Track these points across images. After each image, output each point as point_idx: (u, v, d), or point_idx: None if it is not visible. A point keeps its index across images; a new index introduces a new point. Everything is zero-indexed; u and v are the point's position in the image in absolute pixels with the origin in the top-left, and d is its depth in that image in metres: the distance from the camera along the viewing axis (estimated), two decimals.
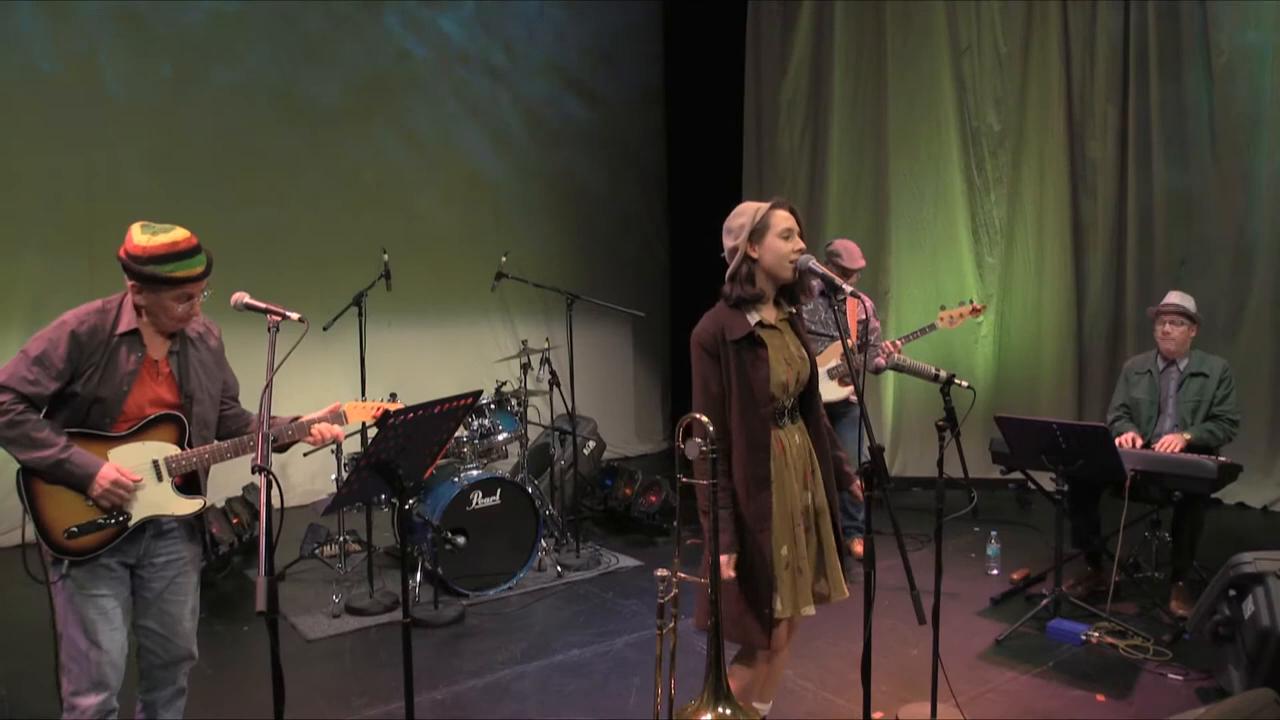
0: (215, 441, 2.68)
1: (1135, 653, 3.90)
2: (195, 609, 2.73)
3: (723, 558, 2.54)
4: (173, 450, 2.59)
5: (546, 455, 6.17)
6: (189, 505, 2.64)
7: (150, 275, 2.46)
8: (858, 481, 2.85)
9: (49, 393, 2.45)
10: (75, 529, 2.47)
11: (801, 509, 2.66)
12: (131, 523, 2.54)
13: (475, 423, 5.15)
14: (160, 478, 2.57)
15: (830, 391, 4.79)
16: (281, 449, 2.77)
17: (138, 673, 2.68)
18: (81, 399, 2.48)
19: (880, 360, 4.66)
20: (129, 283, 2.51)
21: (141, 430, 2.55)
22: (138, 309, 2.54)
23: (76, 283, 5.70)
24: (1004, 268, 7.09)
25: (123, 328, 2.52)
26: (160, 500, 2.58)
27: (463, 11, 7.73)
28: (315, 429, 2.74)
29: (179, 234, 2.51)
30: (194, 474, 2.64)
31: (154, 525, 2.60)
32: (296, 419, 2.75)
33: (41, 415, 2.47)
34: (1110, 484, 4.29)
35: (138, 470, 2.52)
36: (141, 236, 2.48)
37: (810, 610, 2.66)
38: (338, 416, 2.80)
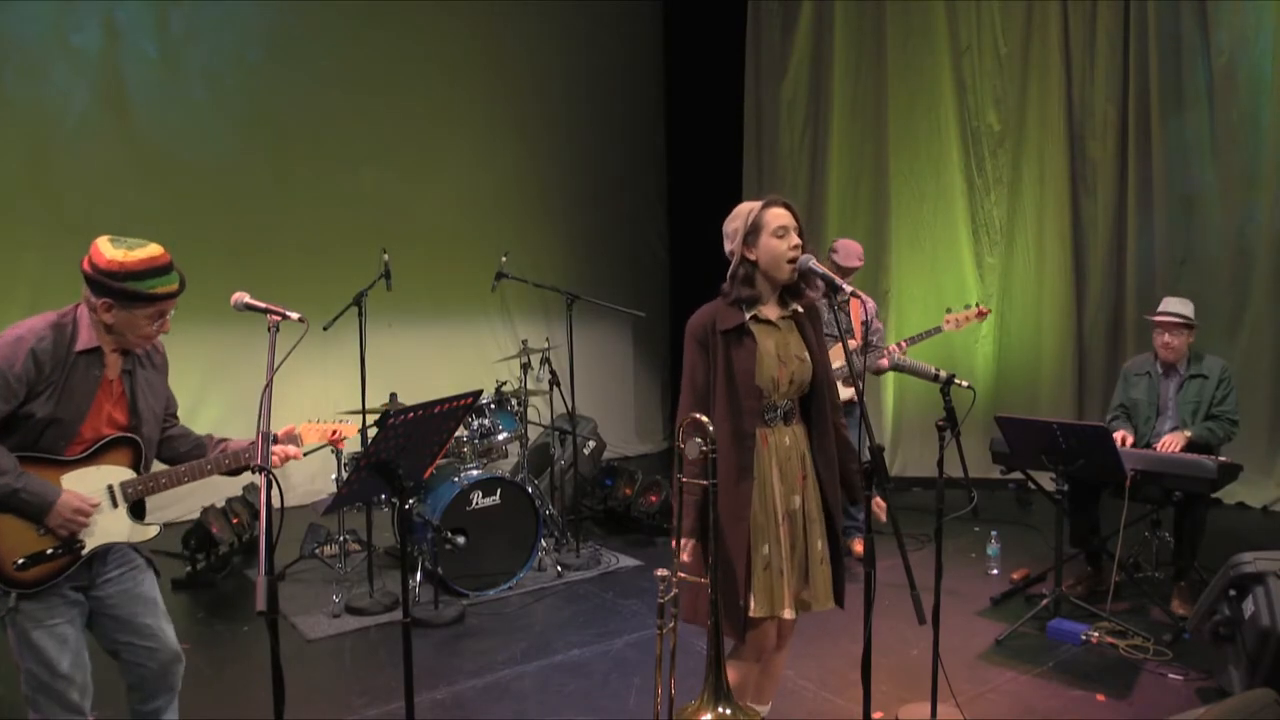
0: (158, 463, 2.56)
1: (1135, 653, 3.90)
2: (165, 614, 2.61)
3: (681, 542, 2.56)
4: (128, 474, 2.47)
5: (546, 455, 6.17)
6: (145, 531, 2.52)
7: (131, 292, 2.34)
8: (878, 500, 2.80)
9: (2, 415, 2.28)
10: (26, 560, 2.31)
11: (786, 511, 2.63)
12: (85, 551, 2.40)
13: (475, 423, 5.14)
14: (115, 503, 2.45)
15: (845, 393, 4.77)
16: (235, 473, 2.64)
17: (126, 688, 2.60)
18: (37, 420, 2.31)
19: (884, 361, 4.67)
20: (97, 300, 2.38)
21: (96, 454, 2.42)
22: (105, 326, 2.40)
23: (76, 283, 5.68)
24: (1004, 268, 7.09)
25: (81, 345, 2.37)
26: (115, 527, 2.45)
27: (462, 12, 7.73)
28: (274, 451, 2.60)
29: (154, 249, 2.40)
30: (141, 499, 2.52)
31: (103, 548, 2.46)
32: (252, 442, 2.55)
33: None
34: (1110, 484, 4.30)
35: (93, 496, 2.41)
36: (114, 251, 2.36)
37: (789, 614, 2.62)
38: (293, 438, 2.69)
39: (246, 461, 2.59)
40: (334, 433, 2.82)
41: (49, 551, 2.35)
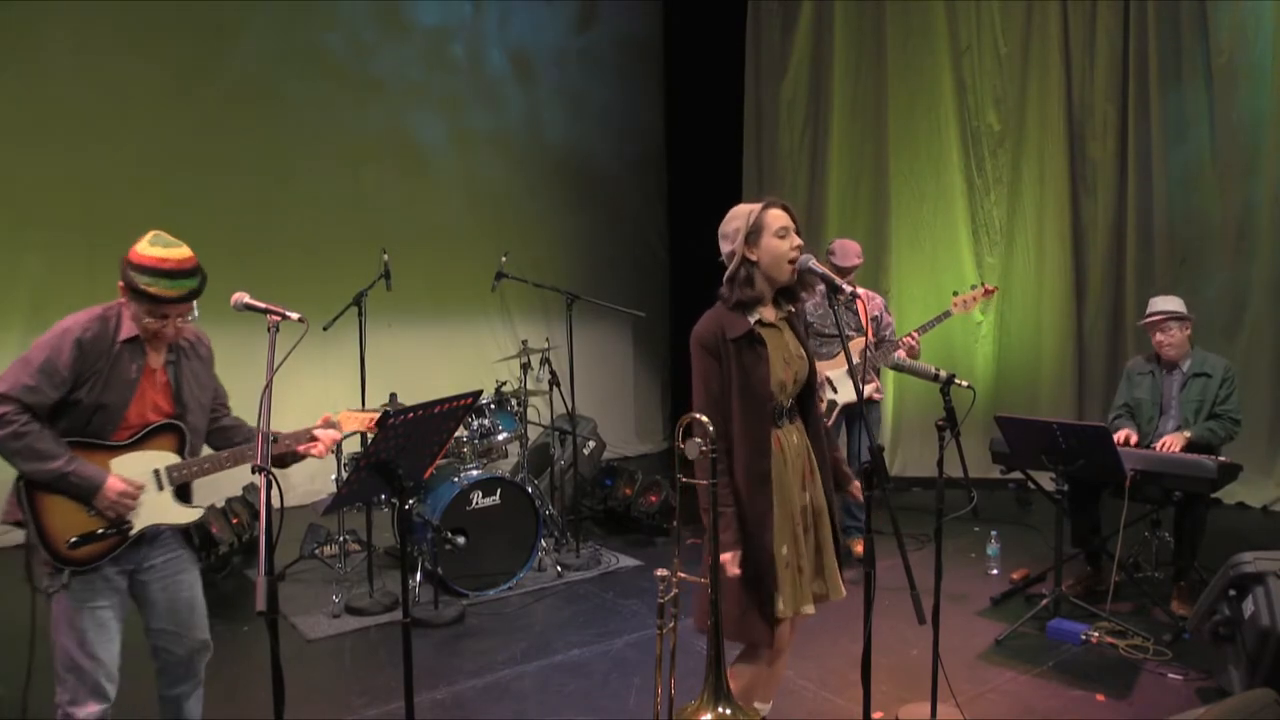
0: (208, 450, 2.69)
1: (1135, 653, 3.90)
2: (203, 604, 2.76)
3: (726, 555, 2.54)
4: (173, 459, 2.60)
5: (546, 455, 6.16)
6: (188, 514, 2.66)
7: (130, 282, 2.46)
8: (855, 482, 2.85)
9: (52, 401, 2.43)
10: (76, 539, 2.46)
11: (800, 508, 2.66)
12: (133, 532, 2.54)
13: (475, 423, 5.14)
14: (161, 486, 2.59)
15: (853, 392, 4.76)
16: (283, 464, 2.74)
17: (155, 671, 2.74)
18: (84, 407, 2.46)
19: (900, 354, 4.68)
20: (119, 285, 2.51)
21: (142, 439, 2.56)
22: (132, 314, 2.53)
23: (76, 283, 5.70)
24: (1004, 268, 7.09)
25: (124, 334, 2.51)
26: (160, 509, 2.59)
27: (463, 11, 7.73)
28: (319, 435, 2.73)
29: (177, 253, 2.49)
30: (187, 482, 2.65)
31: (151, 531, 2.60)
32: (296, 432, 2.73)
33: (44, 425, 2.44)
34: (1110, 484, 4.29)
35: (139, 479, 2.53)
36: (142, 244, 2.49)
37: (810, 609, 2.65)
38: (332, 424, 2.78)
39: (287, 448, 2.71)
40: (372, 422, 2.88)
41: (99, 532, 2.49)
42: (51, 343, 2.43)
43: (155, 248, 2.48)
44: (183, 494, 2.65)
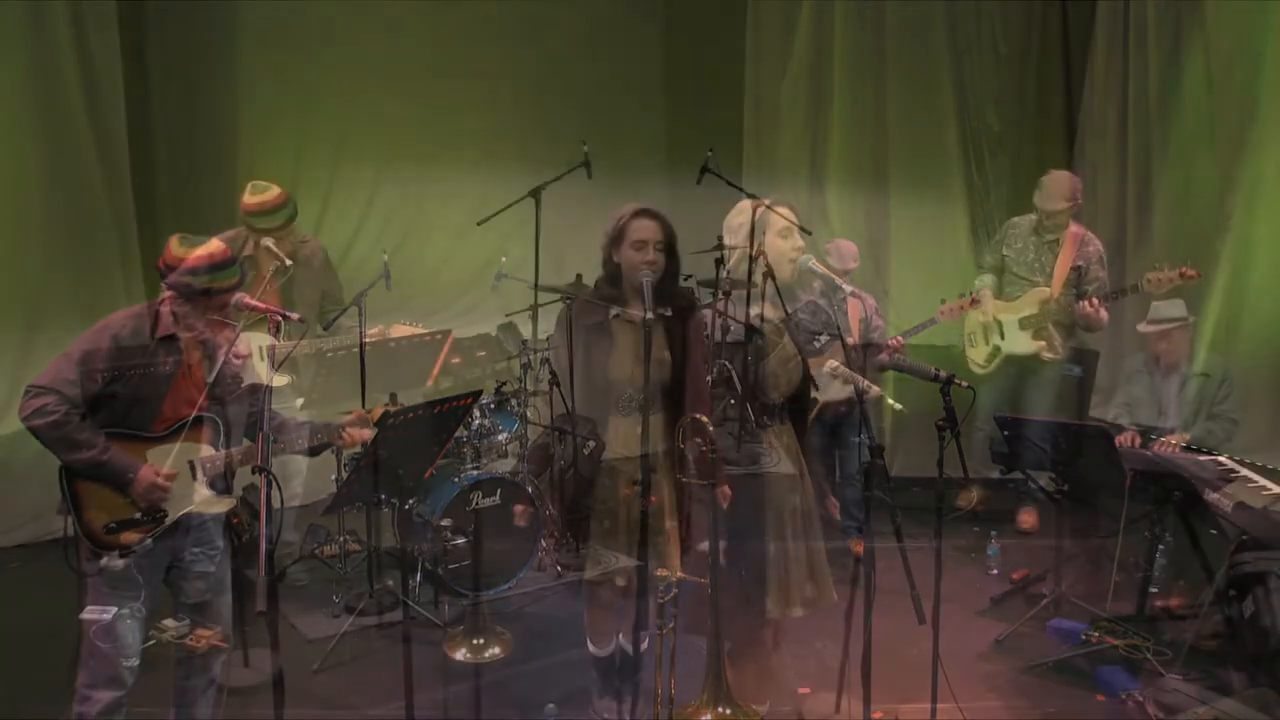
0: (246, 442, 2.81)
1: (1135, 653, 3.89)
2: (230, 600, 2.85)
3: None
4: (207, 451, 2.71)
5: (546, 455, 6.15)
6: (221, 504, 2.76)
7: (185, 285, 2.59)
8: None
9: (90, 394, 2.57)
10: (114, 525, 2.58)
11: (790, 511, 2.66)
12: (168, 519, 2.65)
13: (475, 423, 5.14)
14: (195, 477, 2.69)
15: (835, 391, 4.75)
16: (314, 452, 2.88)
17: (174, 661, 2.83)
18: (121, 400, 2.61)
19: (883, 357, 4.66)
20: (167, 291, 2.67)
21: (178, 431, 2.67)
22: (175, 315, 2.66)
23: (76, 283, 5.69)
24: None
25: (161, 332, 2.66)
26: (195, 498, 2.69)
27: (460, 13, 7.73)
28: (347, 431, 2.83)
29: (214, 246, 2.65)
30: (223, 473, 2.76)
31: (188, 521, 2.71)
32: (327, 424, 2.87)
33: (82, 416, 2.57)
34: (1110, 484, 4.29)
35: (173, 469, 2.64)
36: (179, 249, 2.63)
37: (798, 612, 2.65)
38: (365, 420, 2.89)
39: (321, 440, 2.83)
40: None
41: (135, 518, 2.63)
42: (91, 339, 2.61)
43: (196, 248, 2.61)
44: (218, 484, 2.75)
